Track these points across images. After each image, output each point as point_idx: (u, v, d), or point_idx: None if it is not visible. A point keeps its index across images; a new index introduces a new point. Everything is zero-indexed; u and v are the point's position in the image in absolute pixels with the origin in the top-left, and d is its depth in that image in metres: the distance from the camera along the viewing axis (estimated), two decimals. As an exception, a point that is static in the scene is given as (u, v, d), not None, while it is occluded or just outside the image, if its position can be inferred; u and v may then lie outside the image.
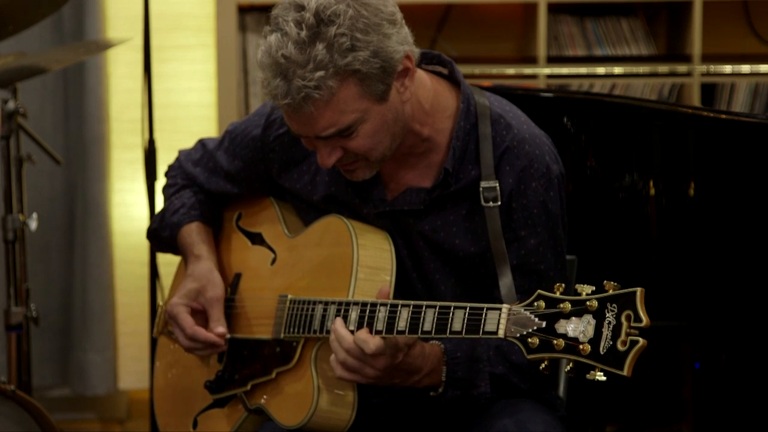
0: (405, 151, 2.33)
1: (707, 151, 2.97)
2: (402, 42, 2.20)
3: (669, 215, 3.06)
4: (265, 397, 2.41)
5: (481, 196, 2.30)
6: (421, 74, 2.33)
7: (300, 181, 2.45)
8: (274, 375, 2.39)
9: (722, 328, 3.02)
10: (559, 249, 2.37)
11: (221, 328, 2.44)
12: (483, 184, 2.30)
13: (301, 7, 2.15)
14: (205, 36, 4.37)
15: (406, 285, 2.39)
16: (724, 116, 3.04)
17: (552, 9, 4.36)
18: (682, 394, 3.32)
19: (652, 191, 3.07)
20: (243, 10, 4.27)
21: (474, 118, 2.34)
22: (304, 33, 2.13)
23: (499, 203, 2.30)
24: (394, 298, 2.32)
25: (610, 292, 1.96)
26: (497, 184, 2.30)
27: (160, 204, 3.69)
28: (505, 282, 2.26)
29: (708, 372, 3.17)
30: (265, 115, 2.47)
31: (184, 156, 2.64)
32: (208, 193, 2.60)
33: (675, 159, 3.02)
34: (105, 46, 3.92)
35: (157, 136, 3.91)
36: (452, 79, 2.39)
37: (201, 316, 2.47)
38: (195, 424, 2.53)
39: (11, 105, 3.28)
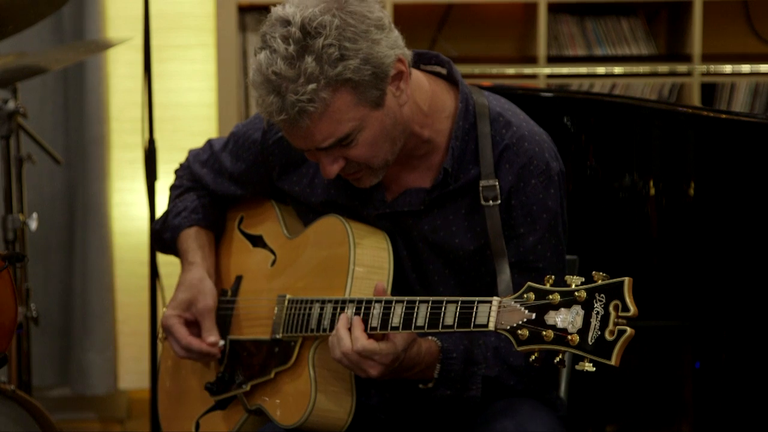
0: (406, 153, 2.33)
1: (707, 151, 2.97)
2: (392, 46, 2.20)
3: (669, 215, 3.06)
4: (264, 397, 2.41)
5: (481, 195, 2.30)
6: (418, 75, 2.33)
7: (299, 183, 2.45)
8: (272, 375, 2.39)
9: (722, 328, 3.02)
10: (559, 247, 2.37)
11: (212, 338, 2.46)
12: (482, 183, 2.30)
13: (287, 23, 2.15)
14: (205, 36, 4.36)
15: (405, 287, 2.39)
16: (724, 116, 3.04)
17: (552, 9, 4.36)
18: (682, 394, 3.32)
19: (653, 191, 3.07)
20: (243, 10, 4.27)
21: (473, 118, 2.34)
22: (292, 48, 2.13)
23: (499, 202, 2.30)
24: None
25: (599, 282, 1.96)
26: (497, 183, 2.30)
27: (160, 204, 3.70)
28: (503, 278, 2.26)
29: (708, 372, 3.17)
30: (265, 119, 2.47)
31: (192, 156, 2.65)
32: (214, 194, 2.60)
33: (675, 159, 3.02)
34: (105, 45, 3.92)
35: (157, 135, 3.91)
36: (450, 79, 2.38)
37: (195, 325, 2.49)
38: (197, 427, 2.54)
39: (11, 105, 3.28)
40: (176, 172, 2.68)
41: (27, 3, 3.16)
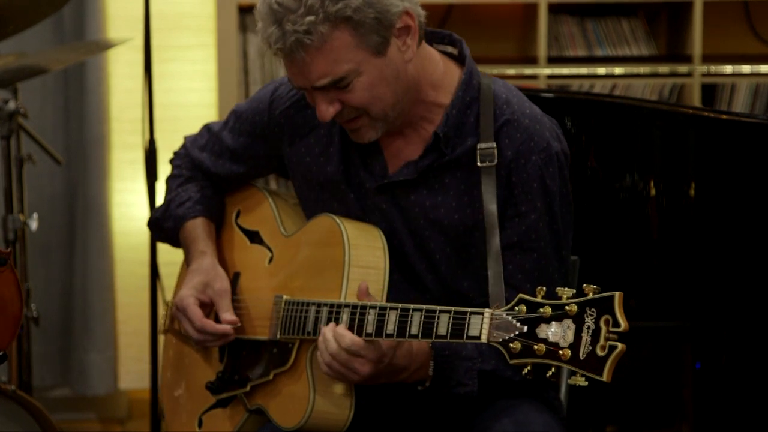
0: (412, 122, 2.34)
1: (708, 151, 2.97)
2: None
3: (670, 216, 3.06)
4: (264, 398, 2.41)
5: (478, 157, 2.30)
6: (430, 50, 2.35)
7: (309, 153, 2.45)
8: (271, 377, 2.39)
9: (722, 328, 3.02)
10: (554, 226, 2.35)
11: (231, 316, 2.45)
12: (480, 146, 2.30)
13: None
14: (205, 36, 4.37)
15: (407, 265, 2.38)
16: (724, 117, 3.04)
17: (552, 9, 4.36)
18: (682, 395, 3.33)
19: (653, 192, 3.07)
20: (243, 10, 4.27)
21: (476, 93, 2.34)
22: None
23: (496, 162, 2.29)
24: (396, 280, 2.34)
25: (590, 296, 1.95)
26: (494, 146, 2.30)
27: (160, 203, 3.69)
28: (493, 246, 2.26)
29: (708, 372, 3.17)
30: (270, 92, 2.49)
31: (190, 142, 2.65)
32: (215, 178, 2.60)
33: (676, 159, 3.02)
34: (105, 46, 3.92)
35: (157, 136, 3.91)
36: (462, 60, 2.39)
37: (208, 308, 2.48)
38: (200, 424, 2.54)
39: (12, 105, 3.28)
40: (172, 161, 2.67)
41: (27, 3, 3.16)
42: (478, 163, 2.30)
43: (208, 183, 2.62)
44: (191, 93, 4.39)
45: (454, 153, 2.33)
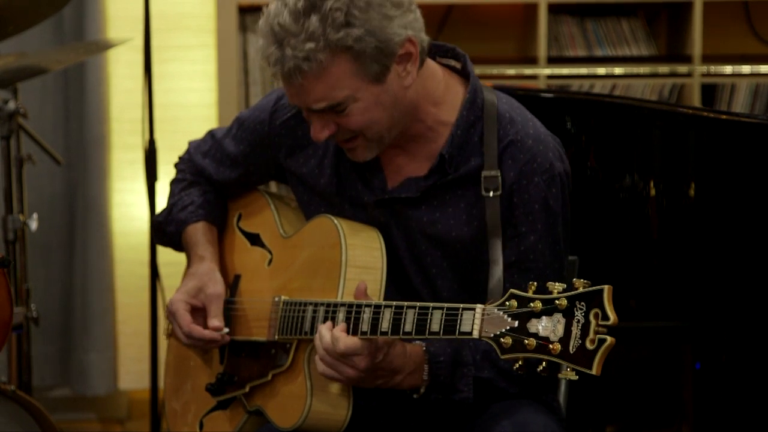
0: (411, 139, 2.34)
1: (708, 151, 2.97)
2: (405, 26, 2.21)
3: (669, 216, 3.06)
4: (262, 399, 2.41)
5: (482, 185, 2.30)
6: (433, 66, 2.34)
7: (306, 165, 2.45)
8: (270, 377, 2.39)
9: (722, 328, 3.02)
10: (557, 248, 2.36)
11: (217, 322, 2.45)
12: (485, 173, 2.30)
13: None
14: (205, 36, 4.37)
15: (403, 278, 2.39)
16: (724, 117, 3.04)
17: (552, 9, 4.36)
18: (682, 395, 3.33)
19: (653, 192, 3.07)
20: (243, 10, 4.27)
21: (479, 111, 2.34)
22: (300, 3, 2.17)
23: (500, 193, 2.30)
24: (391, 293, 2.33)
25: (580, 289, 1.95)
26: (499, 174, 2.30)
27: (160, 204, 3.70)
28: (495, 273, 2.27)
29: (708, 372, 3.17)
30: (273, 101, 2.49)
31: (193, 148, 2.65)
32: (217, 185, 2.60)
33: (675, 160, 3.02)
34: (105, 46, 3.93)
35: (157, 136, 3.91)
36: (465, 74, 2.39)
37: (201, 313, 2.48)
38: (201, 426, 2.54)
39: (12, 105, 3.28)
40: (177, 165, 2.68)
41: (27, 3, 3.16)
42: (483, 192, 2.30)
43: (211, 188, 2.62)
44: (191, 93, 4.39)
45: (457, 173, 2.33)
